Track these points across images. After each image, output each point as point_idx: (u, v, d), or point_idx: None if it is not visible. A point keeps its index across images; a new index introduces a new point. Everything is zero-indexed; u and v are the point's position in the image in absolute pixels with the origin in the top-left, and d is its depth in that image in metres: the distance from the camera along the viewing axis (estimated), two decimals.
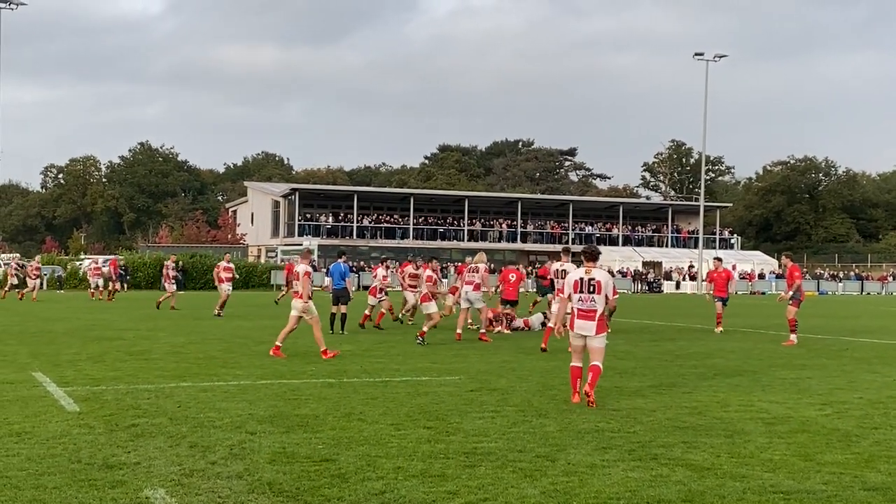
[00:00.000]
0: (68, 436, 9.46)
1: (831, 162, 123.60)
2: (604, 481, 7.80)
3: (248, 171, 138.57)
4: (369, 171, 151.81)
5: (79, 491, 7.29)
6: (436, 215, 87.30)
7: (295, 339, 21.52)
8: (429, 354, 18.31)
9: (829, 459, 8.80)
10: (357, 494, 7.30)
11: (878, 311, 24.71)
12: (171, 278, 36.86)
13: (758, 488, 7.64)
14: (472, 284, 22.32)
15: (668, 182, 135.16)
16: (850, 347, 21.40)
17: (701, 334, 25.21)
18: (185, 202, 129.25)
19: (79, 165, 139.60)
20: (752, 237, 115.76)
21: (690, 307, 44.60)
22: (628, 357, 18.31)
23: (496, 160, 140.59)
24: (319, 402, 11.84)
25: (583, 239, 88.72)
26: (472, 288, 22.26)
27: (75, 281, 60.42)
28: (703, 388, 13.77)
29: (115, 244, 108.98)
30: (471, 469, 8.18)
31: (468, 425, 10.30)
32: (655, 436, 9.83)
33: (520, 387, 13.59)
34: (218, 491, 7.35)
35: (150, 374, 14.72)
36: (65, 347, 18.97)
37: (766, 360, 17.50)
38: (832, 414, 11.48)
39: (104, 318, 28.82)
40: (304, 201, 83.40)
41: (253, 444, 9.12)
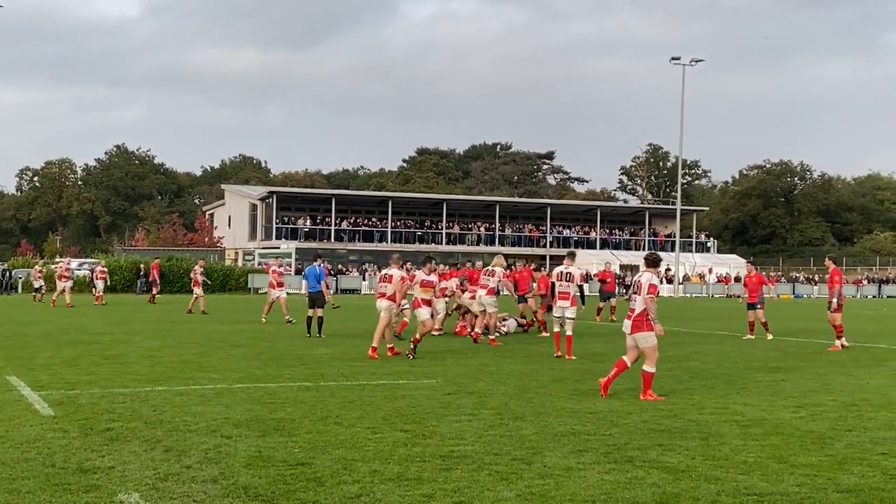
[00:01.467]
0: (42, 440, 9.40)
1: (807, 166, 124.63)
2: (579, 484, 7.83)
3: (225, 174, 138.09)
4: (347, 175, 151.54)
5: (53, 495, 7.25)
6: (414, 218, 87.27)
7: (272, 342, 21.48)
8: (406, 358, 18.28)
9: (803, 461, 8.85)
10: (333, 498, 7.29)
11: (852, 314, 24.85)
12: (200, 283, 36.41)
13: (732, 490, 7.68)
14: (486, 288, 22.39)
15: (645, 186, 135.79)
16: (824, 350, 21.53)
17: (678, 337, 25.29)
18: (161, 205, 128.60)
19: (55, 168, 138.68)
20: (728, 241, 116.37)
21: (667, 310, 44.75)
22: (605, 360, 18.34)
23: (474, 163, 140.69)
24: (296, 406, 11.81)
25: (560, 242, 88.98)
26: (487, 292, 22.30)
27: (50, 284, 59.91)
28: (678, 391, 13.83)
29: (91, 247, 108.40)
30: (447, 472, 8.18)
31: (445, 428, 10.31)
32: (631, 438, 9.86)
33: (497, 390, 13.61)
34: (193, 495, 7.33)
35: (126, 377, 14.64)
36: (39, 351, 18.85)
37: (741, 363, 17.60)
38: (806, 416, 11.56)
39: (79, 322, 28.65)
40: (282, 204, 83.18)
41: (228, 448, 9.09)
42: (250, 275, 65.34)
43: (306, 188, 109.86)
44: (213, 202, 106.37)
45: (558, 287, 18.47)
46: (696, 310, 45.32)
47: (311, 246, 77.62)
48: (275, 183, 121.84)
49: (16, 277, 59.09)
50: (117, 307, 39.62)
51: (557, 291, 18.51)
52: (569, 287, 18.30)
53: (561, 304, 18.33)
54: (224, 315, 34.19)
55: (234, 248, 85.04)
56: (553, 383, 14.50)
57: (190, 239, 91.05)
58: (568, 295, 18.27)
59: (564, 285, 18.33)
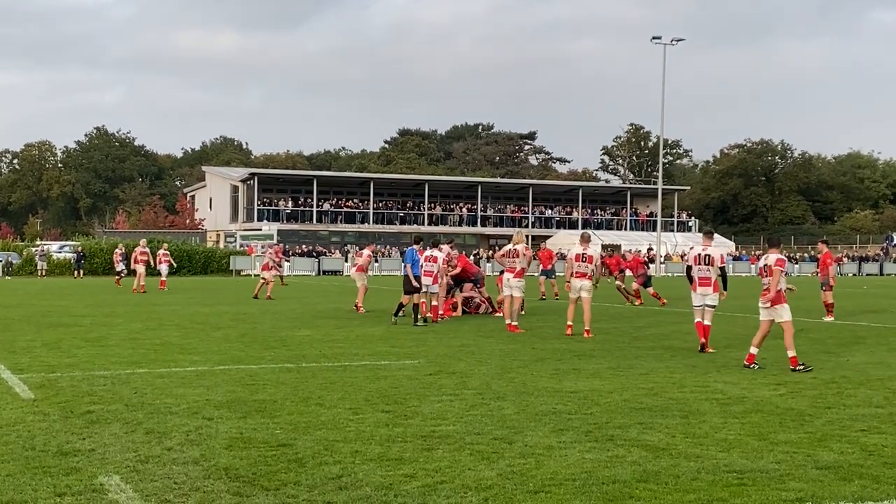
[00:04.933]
0: (22, 423, 9.37)
1: (787, 145, 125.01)
2: (560, 462, 7.86)
3: (206, 156, 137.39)
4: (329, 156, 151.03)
5: (32, 478, 7.22)
6: (396, 199, 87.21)
7: (254, 324, 21.44)
8: (389, 339, 18.31)
9: (783, 439, 8.91)
10: (314, 479, 7.29)
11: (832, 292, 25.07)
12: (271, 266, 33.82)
13: (712, 468, 7.73)
14: (513, 271, 20.42)
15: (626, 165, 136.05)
16: (805, 328, 21.65)
17: (659, 316, 25.41)
18: (142, 187, 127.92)
19: (34, 150, 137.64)
20: (709, 220, 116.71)
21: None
22: (586, 339, 18.42)
23: (456, 144, 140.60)
24: (277, 388, 11.81)
25: (542, 223, 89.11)
26: (514, 275, 20.37)
27: (31, 267, 59.72)
28: (659, 369, 13.89)
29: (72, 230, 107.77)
30: (428, 452, 8.20)
31: (426, 409, 10.32)
32: (612, 417, 9.90)
33: (478, 370, 13.63)
34: (174, 477, 7.32)
35: (107, 360, 14.59)
36: (20, 334, 18.76)
37: (721, 341, 17.66)
38: (786, 394, 11.63)
39: (61, 305, 28.51)
40: (264, 186, 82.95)
41: (210, 430, 9.07)
42: (232, 257, 65.19)
43: (287, 170, 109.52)
44: (194, 184, 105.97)
45: (697, 272, 16.54)
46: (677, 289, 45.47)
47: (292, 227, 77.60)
48: (256, 164, 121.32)
49: None
50: (97, 289, 39.43)
51: (697, 277, 16.53)
52: (709, 271, 16.47)
53: (702, 290, 16.48)
54: (206, 297, 34.09)
55: (216, 230, 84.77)
56: (534, 363, 14.54)
57: (171, 221, 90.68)
58: (709, 280, 16.47)
59: (704, 269, 16.48)
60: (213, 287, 43.13)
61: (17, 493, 6.85)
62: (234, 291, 38.63)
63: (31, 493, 6.83)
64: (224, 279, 56.38)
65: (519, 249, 20.56)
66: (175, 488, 7.01)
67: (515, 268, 20.42)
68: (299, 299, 32.31)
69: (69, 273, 58.10)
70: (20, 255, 62.65)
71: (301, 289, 41.25)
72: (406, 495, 6.88)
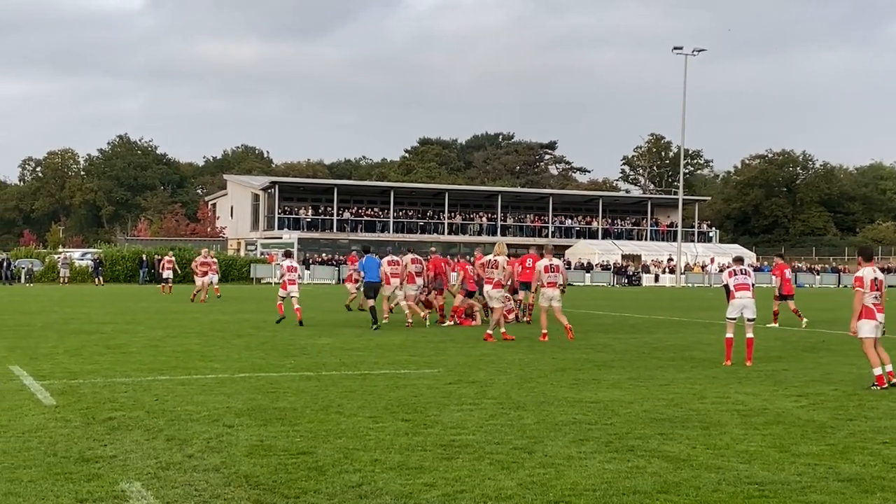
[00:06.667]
0: (45, 429, 9.42)
1: (809, 155, 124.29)
2: (580, 473, 7.84)
3: (227, 165, 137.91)
4: (349, 165, 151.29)
5: (54, 484, 7.27)
6: (416, 208, 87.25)
7: (274, 332, 21.50)
8: (408, 348, 18.32)
9: (804, 451, 8.86)
10: (334, 487, 7.30)
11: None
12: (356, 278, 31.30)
13: (733, 479, 7.69)
14: (491, 282, 20.43)
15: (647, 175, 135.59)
16: (826, 340, 21.54)
17: (679, 327, 25.31)
18: (164, 195, 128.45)
19: (57, 158, 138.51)
20: (730, 230, 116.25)
21: (668, 300, 44.79)
22: (606, 350, 18.38)
23: (476, 153, 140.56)
24: (297, 395, 11.83)
25: (562, 233, 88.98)
26: (493, 286, 20.35)
27: (53, 274, 60.11)
28: (680, 380, 13.84)
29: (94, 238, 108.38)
30: (448, 461, 8.20)
31: (446, 418, 10.32)
32: (632, 427, 9.87)
33: (498, 380, 13.62)
34: (194, 484, 7.35)
35: (128, 367, 14.66)
36: (42, 341, 18.87)
37: (742, 353, 17.57)
38: (808, 405, 11.56)
39: (82, 312, 28.68)
40: (284, 194, 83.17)
41: (230, 438, 9.10)
42: (252, 265, 65.46)
43: (308, 178, 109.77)
44: (216, 192, 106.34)
45: (734, 280, 16.36)
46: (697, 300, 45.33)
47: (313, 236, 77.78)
48: (277, 173, 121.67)
49: (18, 267, 59.10)
50: (119, 296, 39.68)
51: (734, 285, 16.32)
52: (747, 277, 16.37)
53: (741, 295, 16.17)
54: (226, 305, 34.21)
55: (237, 239, 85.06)
56: (554, 373, 14.51)
57: (192, 229, 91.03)
58: (748, 286, 16.23)
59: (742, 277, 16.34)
60: (233, 295, 43.27)
61: (40, 498, 6.89)
62: (254, 299, 38.76)
63: (53, 499, 6.87)
64: (245, 287, 56.54)
65: (499, 261, 20.58)
66: (196, 495, 7.04)
67: (493, 278, 20.42)
68: (319, 308, 32.36)
69: (91, 280, 58.49)
70: (42, 262, 63.04)
71: (321, 297, 41.32)
72: None
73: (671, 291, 61.80)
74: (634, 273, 77.47)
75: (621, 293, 57.09)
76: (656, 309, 35.62)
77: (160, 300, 37.14)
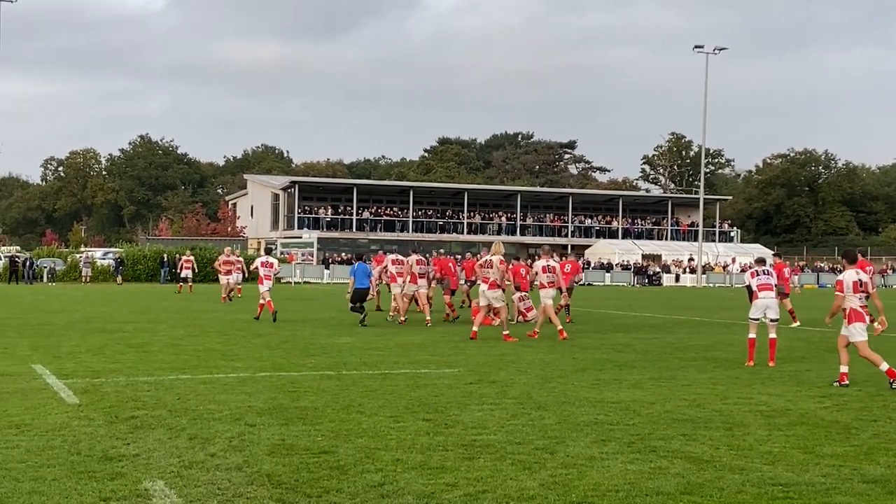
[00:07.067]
0: (68, 428, 9.47)
1: (831, 155, 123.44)
2: (603, 473, 7.81)
3: (247, 164, 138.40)
4: (369, 164, 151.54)
5: (78, 483, 7.30)
6: (435, 208, 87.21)
7: (295, 332, 21.53)
8: (428, 347, 18.32)
9: (829, 452, 8.80)
10: (356, 486, 7.30)
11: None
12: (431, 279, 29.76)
13: (757, 480, 7.64)
14: (486, 282, 20.32)
15: (667, 175, 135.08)
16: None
17: (701, 327, 25.20)
18: (184, 195, 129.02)
19: (79, 158, 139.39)
20: (751, 230, 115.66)
21: (690, 300, 44.60)
22: (627, 350, 18.32)
23: (495, 153, 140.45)
24: (318, 395, 11.84)
25: (582, 232, 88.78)
26: (488, 286, 20.27)
27: (75, 273, 60.44)
28: (702, 380, 13.77)
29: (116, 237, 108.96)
30: (469, 461, 8.18)
31: (467, 418, 10.31)
32: (654, 428, 9.83)
33: (519, 379, 13.60)
34: (217, 483, 7.36)
35: (150, 366, 14.72)
36: (65, 340, 18.98)
37: (765, 353, 17.47)
38: (831, 406, 11.48)
39: (104, 311, 28.82)
40: (304, 194, 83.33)
41: (252, 436, 9.12)
42: None
43: (328, 178, 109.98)
44: (236, 192, 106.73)
45: (757, 281, 16.32)
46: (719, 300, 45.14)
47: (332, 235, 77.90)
48: (297, 173, 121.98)
49: (40, 267, 59.46)
50: (140, 295, 39.83)
51: (756, 285, 16.29)
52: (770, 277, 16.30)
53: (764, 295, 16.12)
54: (246, 304, 34.28)
55: (257, 238, 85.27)
56: (575, 373, 14.47)
57: (213, 229, 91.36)
58: (770, 286, 16.18)
59: (765, 277, 16.29)
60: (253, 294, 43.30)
61: (64, 497, 6.92)
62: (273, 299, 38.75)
63: (76, 498, 6.90)
64: None
65: (494, 261, 20.47)
66: (219, 494, 7.05)
67: (489, 278, 20.36)
68: (339, 308, 32.39)
69: (112, 279, 58.81)
70: (65, 261, 63.39)
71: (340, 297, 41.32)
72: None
73: (692, 291, 61.55)
74: (655, 273, 77.19)
75: (641, 293, 56.89)
76: (677, 309, 35.49)
77: (180, 299, 37.27)
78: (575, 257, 29.42)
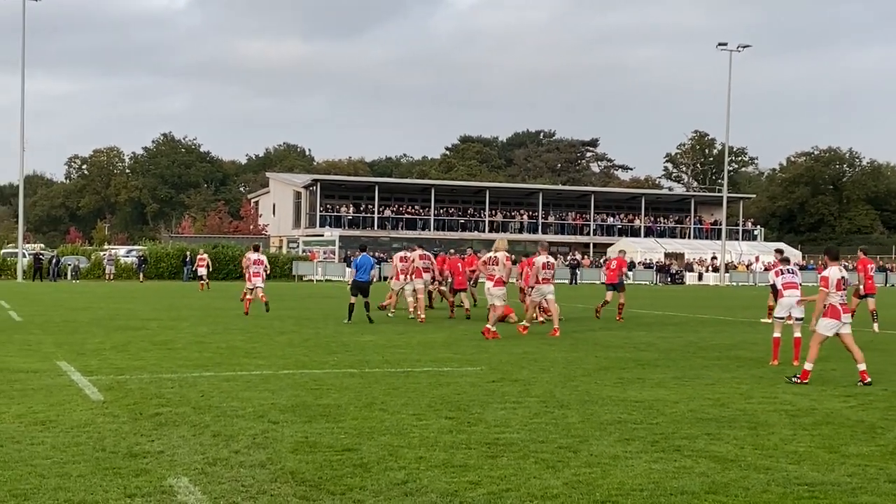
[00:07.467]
0: (93, 424, 9.52)
1: (856, 153, 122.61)
2: (627, 473, 7.78)
3: (270, 163, 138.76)
4: (390, 162, 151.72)
5: (103, 479, 7.34)
6: (457, 206, 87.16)
7: (317, 329, 21.58)
8: (450, 345, 18.32)
9: (854, 451, 8.74)
10: (379, 484, 7.31)
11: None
12: None
13: (782, 480, 7.60)
14: (492, 279, 20.22)
15: (690, 173, 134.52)
16: (875, 339, 21.24)
17: (724, 326, 25.08)
18: (207, 193, 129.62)
19: (102, 156, 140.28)
20: (775, 228, 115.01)
21: (713, 299, 44.41)
22: (650, 349, 18.25)
23: (517, 151, 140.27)
24: (341, 392, 11.86)
25: (604, 230, 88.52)
26: (493, 284, 20.15)
27: (98, 271, 60.80)
28: (726, 379, 13.70)
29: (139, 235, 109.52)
30: (493, 459, 8.17)
31: (490, 416, 10.29)
32: (678, 427, 9.79)
33: (541, 378, 13.57)
34: (241, 479, 7.38)
35: (174, 363, 14.79)
36: (89, 337, 19.09)
37: (790, 352, 17.37)
38: (857, 406, 11.40)
39: (128, 308, 28.98)
40: (326, 192, 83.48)
41: (275, 434, 9.14)
42: (294, 262, 65.86)
43: (349, 176, 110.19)
44: (258, 190, 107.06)
45: (782, 279, 16.48)
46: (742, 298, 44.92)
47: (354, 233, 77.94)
48: (318, 171, 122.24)
49: (65, 264, 59.86)
50: (163, 293, 40.03)
51: (782, 284, 16.42)
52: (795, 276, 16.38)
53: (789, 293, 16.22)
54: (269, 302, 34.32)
55: (279, 236, 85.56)
56: (598, 371, 14.43)
57: (235, 227, 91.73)
58: (796, 285, 16.25)
59: (790, 276, 16.39)
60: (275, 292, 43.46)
61: (89, 493, 6.95)
62: (296, 297, 38.94)
63: (101, 494, 6.94)
64: (287, 284, 56.85)
65: (499, 258, 20.29)
66: (243, 491, 7.07)
67: (494, 275, 20.20)
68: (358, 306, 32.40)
69: (135, 277, 59.15)
70: (88, 259, 63.78)
71: None
72: (472, 502, 6.87)
73: (715, 290, 61.30)
74: (677, 271, 76.88)
75: (664, 292, 56.68)
76: (700, 308, 35.34)
77: (203, 297, 37.41)
78: (621, 254, 29.16)
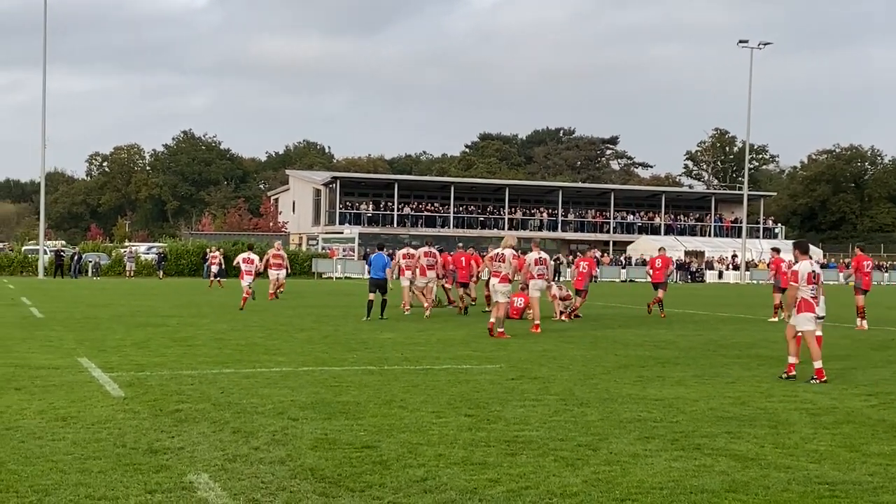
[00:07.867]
0: (113, 421, 9.56)
1: (877, 151, 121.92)
2: (646, 471, 7.76)
3: (289, 160, 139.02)
4: (410, 160, 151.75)
5: (123, 475, 7.37)
6: (476, 204, 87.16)
7: (336, 326, 21.62)
8: (470, 343, 18.31)
9: (875, 450, 8.68)
10: (399, 481, 7.31)
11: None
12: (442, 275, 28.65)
13: (803, 479, 7.56)
14: (498, 276, 19.99)
15: (711, 171, 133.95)
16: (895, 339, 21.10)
17: (745, 324, 24.97)
18: (227, 190, 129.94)
19: (123, 154, 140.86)
20: (796, 226, 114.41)
21: (734, 297, 44.23)
22: (671, 347, 18.20)
23: (537, 149, 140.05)
24: (361, 390, 11.87)
25: (624, 228, 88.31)
26: (500, 280, 19.91)
27: (119, 268, 61.12)
28: (746, 377, 13.65)
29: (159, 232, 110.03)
30: (512, 457, 8.16)
31: (509, 413, 10.28)
32: (698, 426, 9.75)
33: (561, 376, 13.55)
34: (261, 476, 7.40)
35: (194, 360, 14.84)
36: (110, 333, 19.19)
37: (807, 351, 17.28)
38: (878, 405, 11.33)
39: (148, 305, 29.12)
40: (345, 189, 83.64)
41: (295, 431, 9.16)
42: (314, 259, 66.00)
43: (369, 173, 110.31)
44: (278, 187, 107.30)
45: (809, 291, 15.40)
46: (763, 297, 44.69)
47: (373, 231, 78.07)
48: (338, 168, 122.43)
49: (86, 261, 60.22)
50: (183, 290, 40.20)
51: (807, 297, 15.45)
52: None
53: None
54: (289, 299, 34.48)
55: (299, 233, 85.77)
56: (617, 369, 14.40)
57: (255, 224, 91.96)
58: None
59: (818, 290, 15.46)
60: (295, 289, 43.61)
61: (109, 489, 6.99)
62: (316, 294, 39.02)
63: (122, 490, 6.97)
64: (306, 281, 57.00)
65: (506, 254, 20.05)
66: (262, 487, 7.09)
67: (501, 272, 19.97)
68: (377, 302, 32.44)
69: (155, 274, 59.43)
70: (109, 256, 64.13)
71: None
72: (491, 500, 6.86)
73: (735, 288, 61.04)
74: (698, 269, 76.63)
75: (684, 290, 56.46)
76: (720, 306, 35.22)
77: (221, 294, 37.55)
78: (664, 252, 29.10)
